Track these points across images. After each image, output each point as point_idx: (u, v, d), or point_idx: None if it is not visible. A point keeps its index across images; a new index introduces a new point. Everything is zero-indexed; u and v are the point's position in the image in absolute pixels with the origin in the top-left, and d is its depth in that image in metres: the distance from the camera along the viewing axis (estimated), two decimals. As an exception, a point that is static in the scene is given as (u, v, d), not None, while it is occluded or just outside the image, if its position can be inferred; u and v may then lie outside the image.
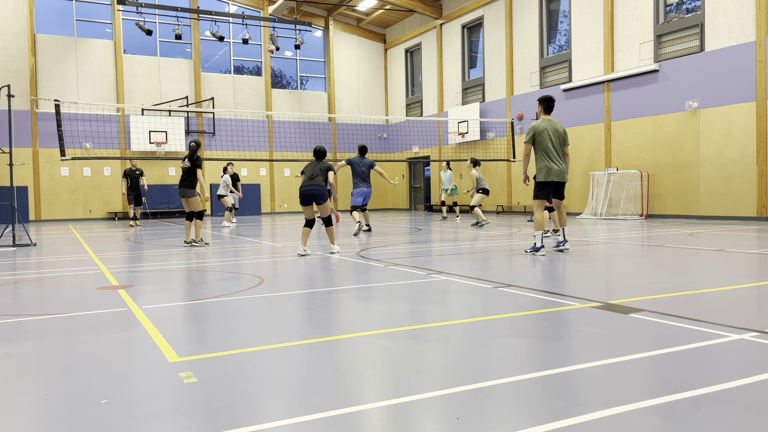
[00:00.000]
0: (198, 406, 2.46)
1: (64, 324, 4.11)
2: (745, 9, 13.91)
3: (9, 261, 8.36)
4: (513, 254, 8.04)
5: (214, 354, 3.26)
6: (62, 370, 3.06)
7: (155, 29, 23.12)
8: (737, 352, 3.11)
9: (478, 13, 22.30)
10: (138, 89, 23.00)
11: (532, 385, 2.63)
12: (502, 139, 21.31)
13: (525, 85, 20.39)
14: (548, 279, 5.90)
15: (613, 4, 16.99)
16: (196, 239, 10.04)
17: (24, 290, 5.80)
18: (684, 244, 8.73)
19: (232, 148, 23.86)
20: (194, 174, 10.17)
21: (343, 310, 4.49)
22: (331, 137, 26.77)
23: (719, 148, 14.54)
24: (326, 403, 2.44)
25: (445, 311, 4.40)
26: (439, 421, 2.28)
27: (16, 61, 21.03)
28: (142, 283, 6.05)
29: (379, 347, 3.36)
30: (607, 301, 4.49)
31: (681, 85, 15.33)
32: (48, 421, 2.35)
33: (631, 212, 16.13)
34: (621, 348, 3.20)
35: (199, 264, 7.76)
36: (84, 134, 21.50)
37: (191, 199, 10.12)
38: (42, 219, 21.52)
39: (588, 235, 10.75)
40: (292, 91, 26.37)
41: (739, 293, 4.80)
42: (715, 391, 2.48)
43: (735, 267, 6.37)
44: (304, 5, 25.40)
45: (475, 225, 13.54)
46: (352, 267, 7.00)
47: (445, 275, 6.05)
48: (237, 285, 5.74)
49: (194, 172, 10.16)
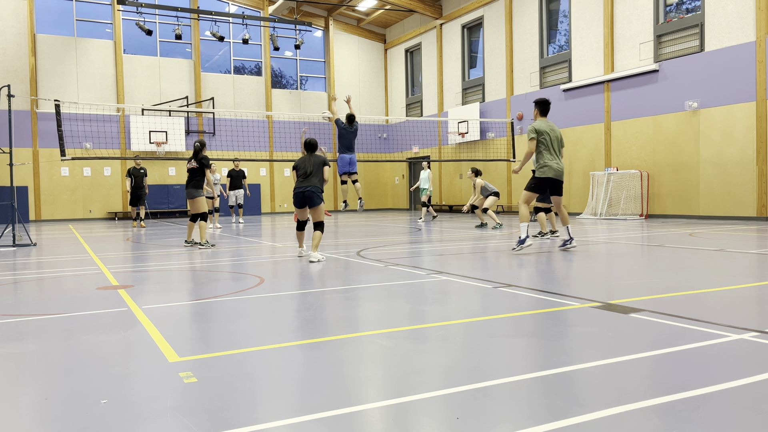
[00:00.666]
0: (198, 406, 2.46)
1: (64, 324, 4.11)
2: (745, 9, 13.91)
3: (9, 261, 8.36)
4: (513, 254, 8.04)
5: (214, 354, 3.26)
6: (62, 370, 3.06)
7: (155, 29, 23.11)
8: (737, 352, 3.11)
9: (478, 13, 22.30)
10: (138, 89, 23.00)
11: (532, 385, 2.63)
12: (502, 139, 21.31)
13: (525, 85, 20.39)
14: (548, 279, 5.90)
15: (613, 4, 16.99)
16: (201, 241, 9.87)
17: (24, 290, 5.80)
18: (684, 244, 8.73)
19: (232, 148, 23.86)
20: (201, 174, 10.07)
21: (343, 310, 4.49)
22: (331, 137, 26.77)
23: (719, 148, 14.54)
24: (326, 403, 2.44)
25: (445, 311, 4.40)
26: (439, 421, 2.28)
27: (16, 61, 21.03)
28: (142, 283, 6.06)
29: (379, 347, 3.36)
30: (607, 301, 4.49)
31: (681, 85, 15.33)
32: (48, 421, 2.35)
33: (631, 212, 16.13)
34: (621, 348, 3.20)
35: (199, 264, 7.76)
36: (84, 134, 21.50)
37: (196, 199, 10.04)
38: (42, 219, 21.52)
39: (588, 235, 10.75)
40: (292, 91, 26.38)
41: (739, 293, 4.80)
42: (715, 391, 2.48)
43: (735, 267, 6.37)
44: (304, 5, 25.41)
45: (479, 227, 13.23)
46: (352, 267, 7.00)
47: (445, 275, 6.05)
48: (237, 285, 5.74)
49: (202, 173, 10.07)
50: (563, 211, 8.17)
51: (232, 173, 17.05)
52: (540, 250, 8.54)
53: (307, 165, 7.87)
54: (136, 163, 17.15)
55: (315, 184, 7.80)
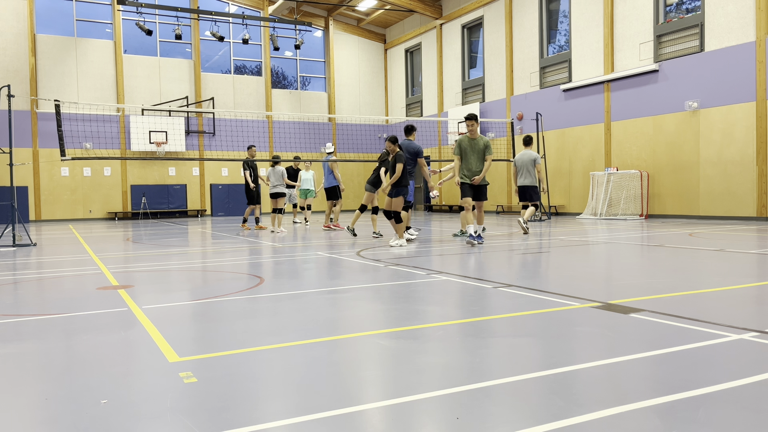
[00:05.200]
0: (198, 406, 2.46)
1: (64, 324, 4.11)
2: (745, 9, 13.91)
3: (9, 261, 8.36)
4: (513, 254, 8.04)
5: (214, 354, 3.26)
6: (62, 370, 3.06)
7: (155, 29, 23.12)
8: (737, 352, 3.11)
9: (478, 13, 22.30)
10: (138, 89, 23.01)
11: (532, 385, 2.63)
12: (501, 139, 21.31)
13: (525, 85, 20.39)
14: (548, 279, 5.90)
15: (613, 4, 16.99)
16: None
17: (24, 290, 5.80)
18: (684, 244, 8.73)
19: (232, 148, 23.87)
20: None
21: (343, 310, 4.49)
22: (331, 137, 26.77)
23: (719, 148, 14.54)
24: (326, 403, 2.44)
25: (445, 311, 4.40)
26: (439, 421, 2.28)
27: (16, 61, 21.03)
28: (142, 283, 6.06)
29: (379, 347, 3.36)
30: (607, 301, 4.49)
31: (681, 85, 15.33)
32: (48, 421, 2.35)
33: (631, 212, 16.13)
34: (621, 348, 3.20)
35: (199, 264, 7.77)
36: (84, 134, 21.51)
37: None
38: (42, 219, 21.52)
39: (588, 235, 10.75)
40: (292, 91, 26.37)
41: (739, 293, 4.80)
42: (715, 391, 2.48)
43: (735, 267, 6.37)
44: (304, 5, 25.41)
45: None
46: (352, 267, 7.00)
47: (445, 275, 6.05)
48: (237, 285, 5.74)
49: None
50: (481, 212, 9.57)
51: (290, 170, 16.27)
52: (540, 250, 8.55)
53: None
54: (251, 153, 15.16)
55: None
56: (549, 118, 18.95)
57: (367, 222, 15.34)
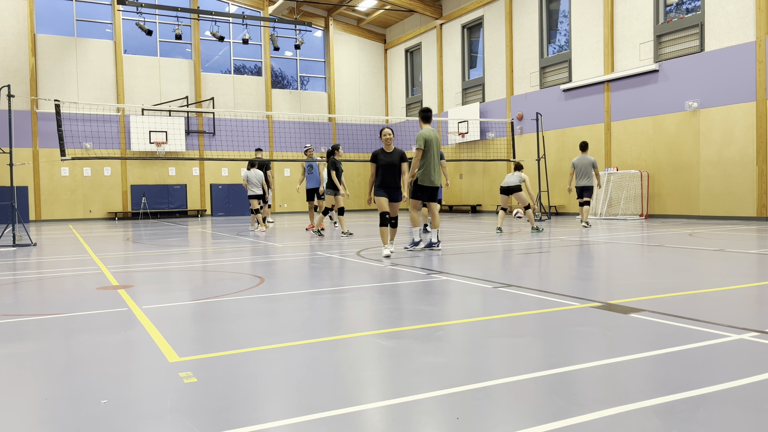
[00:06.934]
0: (198, 406, 2.46)
1: (64, 324, 4.11)
2: (745, 9, 13.91)
3: (9, 261, 8.36)
4: (513, 254, 8.04)
5: (214, 354, 3.26)
6: (62, 370, 3.06)
7: (155, 29, 23.11)
8: (737, 352, 3.11)
9: (478, 13, 22.30)
10: (138, 89, 23.01)
11: (532, 385, 2.63)
12: (501, 139, 21.32)
13: (525, 85, 20.39)
14: (548, 279, 5.90)
15: (613, 4, 16.99)
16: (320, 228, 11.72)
17: (24, 290, 5.80)
18: (684, 244, 8.73)
19: (232, 148, 23.87)
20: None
21: (343, 310, 4.49)
22: (331, 137, 26.78)
23: (719, 148, 14.54)
24: (326, 403, 2.44)
25: (445, 311, 4.40)
26: (439, 421, 2.28)
27: (16, 61, 21.03)
28: (142, 283, 6.06)
29: (379, 347, 3.36)
30: (607, 301, 4.49)
31: (681, 85, 15.33)
32: (48, 421, 2.35)
33: (631, 212, 16.13)
34: (621, 348, 3.20)
35: (199, 264, 7.77)
36: (84, 134, 21.51)
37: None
38: (42, 219, 21.52)
39: (588, 235, 10.75)
40: (292, 91, 26.37)
41: (739, 293, 4.80)
42: (715, 391, 2.48)
43: (735, 267, 6.37)
44: (304, 5, 25.40)
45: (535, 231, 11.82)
46: (352, 267, 7.00)
47: (445, 275, 6.05)
48: (237, 285, 5.74)
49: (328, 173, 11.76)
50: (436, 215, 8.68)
51: None
52: (540, 250, 8.55)
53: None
54: (258, 153, 15.65)
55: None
56: (549, 118, 18.95)
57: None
